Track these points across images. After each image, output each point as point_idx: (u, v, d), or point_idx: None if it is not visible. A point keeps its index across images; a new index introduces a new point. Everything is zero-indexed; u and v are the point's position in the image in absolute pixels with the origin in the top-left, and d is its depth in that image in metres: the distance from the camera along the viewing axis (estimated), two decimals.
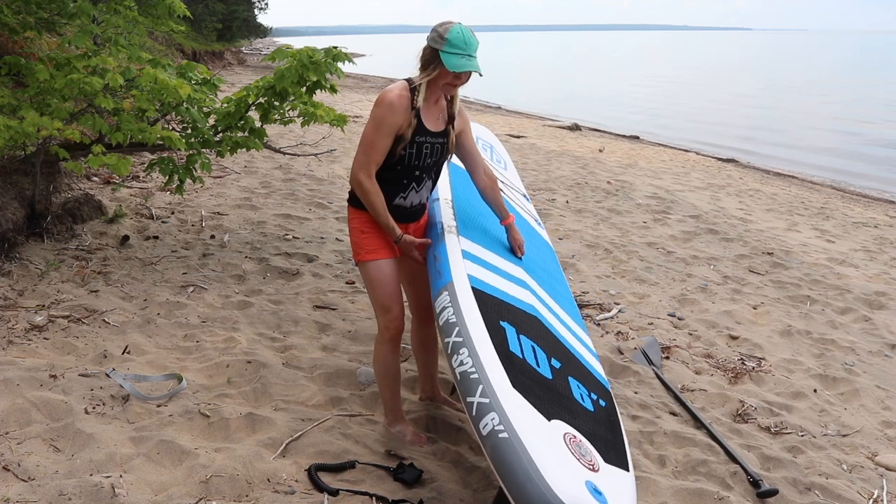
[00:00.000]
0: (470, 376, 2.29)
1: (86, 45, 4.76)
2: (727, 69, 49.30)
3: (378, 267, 2.95)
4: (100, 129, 4.47)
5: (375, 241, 2.95)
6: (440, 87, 2.81)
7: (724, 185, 10.75)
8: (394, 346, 3.04)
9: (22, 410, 2.89)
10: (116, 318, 3.96)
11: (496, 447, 2.07)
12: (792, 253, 6.82)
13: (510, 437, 2.08)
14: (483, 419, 2.14)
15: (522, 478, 1.99)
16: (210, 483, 2.61)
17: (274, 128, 8.11)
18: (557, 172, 10.19)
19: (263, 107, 5.03)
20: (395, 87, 2.83)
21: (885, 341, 4.88)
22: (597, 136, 16.77)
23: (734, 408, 3.74)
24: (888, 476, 3.26)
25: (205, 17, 29.40)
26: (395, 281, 2.97)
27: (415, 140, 2.84)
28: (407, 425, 3.12)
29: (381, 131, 2.80)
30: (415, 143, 2.84)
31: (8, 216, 4.56)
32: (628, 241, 6.83)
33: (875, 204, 10.91)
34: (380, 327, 3.03)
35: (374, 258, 2.94)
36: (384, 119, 2.79)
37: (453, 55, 2.71)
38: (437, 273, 2.84)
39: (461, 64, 2.72)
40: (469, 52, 2.73)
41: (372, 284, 2.98)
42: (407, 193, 2.95)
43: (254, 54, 43.42)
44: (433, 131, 2.89)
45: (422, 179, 2.95)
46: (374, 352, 3.09)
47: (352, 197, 2.99)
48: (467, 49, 2.72)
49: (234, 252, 5.33)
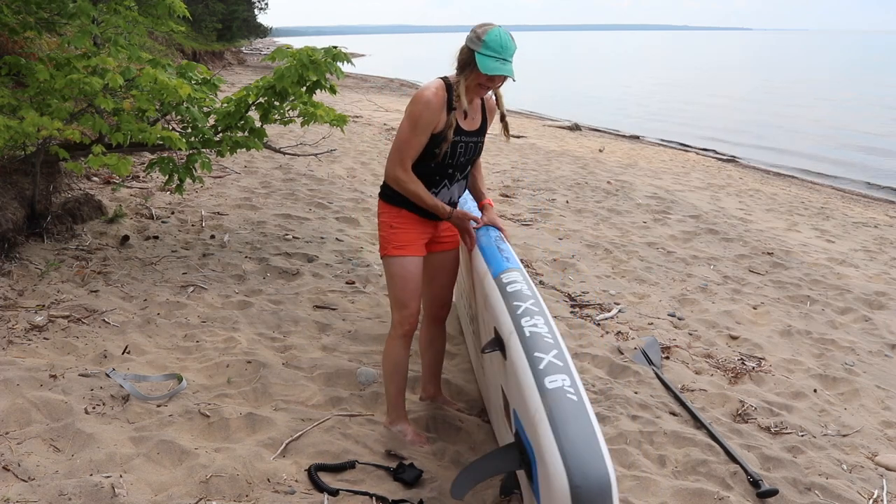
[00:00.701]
0: (545, 338, 2.29)
1: (86, 45, 4.76)
2: (727, 69, 49.30)
3: (402, 263, 2.97)
4: (100, 129, 4.47)
5: (403, 238, 2.98)
6: (473, 87, 2.81)
7: (724, 185, 10.75)
8: (406, 342, 3.06)
9: (22, 410, 2.89)
10: (116, 318, 3.96)
11: (562, 404, 2.03)
12: (792, 253, 6.82)
13: (579, 401, 2.07)
14: (552, 376, 2.12)
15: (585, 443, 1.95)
16: (210, 483, 2.61)
17: (274, 128, 8.11)
18: (557, 172, 10.19)
19: (263, 107, 5.04)
20: (431, 85, 2.85)
21: (885, 341, 4.87)
22: (597, 136, 16.77)
23: (734, 408, 3.74)
24: (888, 476, 3.26)
25: (205, 17, 29.41)
26: (416, 279, 3.00)
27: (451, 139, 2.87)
28: (408, 425, 3.13)
29: (416, 129, 2.83)
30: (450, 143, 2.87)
31: (8, 216, 4.56)
32: (628, 241, 6.83)
33: (875, 204, 10.91)
34: (394, 322, 3.05)
35: (400, 254, 2.97)
36: (420, 116, 2.81)
37: (488, 58, 2.72)
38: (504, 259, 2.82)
39: (495, 67, 2.72)
40: (504, 55, 2.72)
41: (393, 280, 3.01)
42: (439, 190, 2.98)
43: (254, 54, 43.46)
44: (468, 130, 2.93)
45: (454, 177, 2.99)
46: (386, 347, 3.11)
47: (383, 192, 3.02)
48: (503, 53, 2.72)
49: (234, 252, 5.33)
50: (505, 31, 2.75)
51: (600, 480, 1.90)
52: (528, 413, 2.13)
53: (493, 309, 2.58)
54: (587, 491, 1.88)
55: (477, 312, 3.14)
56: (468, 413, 3.40)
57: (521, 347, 2.29)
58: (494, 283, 2.65)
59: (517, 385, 2.26)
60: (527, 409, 2.14)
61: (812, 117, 21.26)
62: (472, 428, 3.25)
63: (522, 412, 2.21)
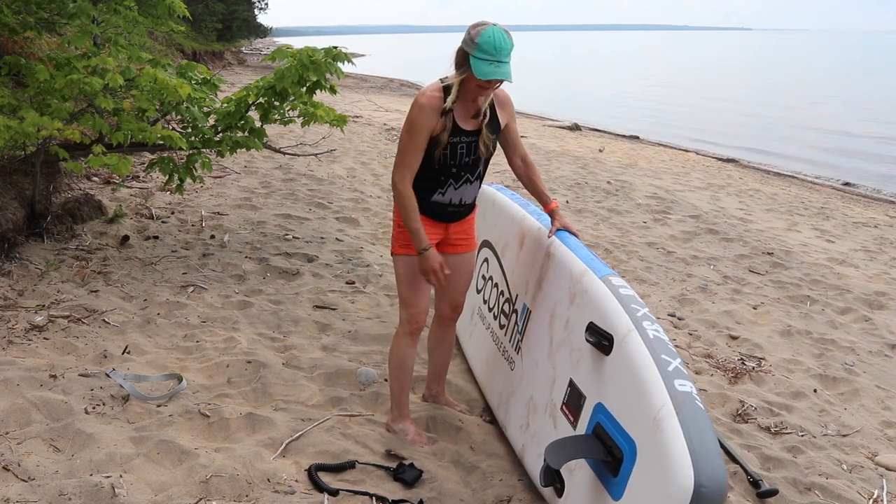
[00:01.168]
0: (668, 345, 2.33)
1: (86, 45, 4.76)
2: (727, 69, 49.30)
3: (409, 262, 2.96)
4: (100, 129, 4.47)
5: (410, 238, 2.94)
6: (472, 89, 2.76)
7: (724, 185, 10.75)
8: (412, 340, 3.05)
9: (22, 410, 2.89)
10: (116, 318, 3.96)
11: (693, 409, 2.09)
12: (792, 253, 6.82)
13: (704, 410, 2.12)
14: (681, 380, 2.17)
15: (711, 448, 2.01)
16: (210, 483, 2.61)
17: (274, 128, 8.12)
18: (557, 172, 10.19)
19: (263, 107, 5.04)
20: (427, 89, 2.82)
21: (885, 341, 4.88)
22: (597, 136, 16.77)
23: (734, 408, 3.74)
24: (888, 476, 3.26)
25: (205, 17, 29.43)
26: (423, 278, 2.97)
27: (449, 141, 2.82)
28: (410, 424, 3.12)
29: (413, 134, 2.80)
30: (448, 144, 2.83)
31: (8, 216, 4.56)
32: (628, 241, 6.83)
33: (875, 204, 10.91)
34: (401, 320, 3.05)
35: (407, 252, 2.95)
36: (415, 121, 2.79)
37: (482, 61, 2.64)
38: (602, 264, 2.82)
39: (489, 71, 2.64)
40: (499, 57, 2.63)
41: (400, 278, 3.01)
42: (445, 189, 2.93)
43: (254, 54, 43.45)
44: (469, 130, 2.86)
45: (460, 177, 2.93)
46: (392, 345, 3.11)
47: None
48: (497, 55, 2.63)
49: (234, 252, 5.33)
50: (500, 29, 2.67)
51: (721, 485, 1.96)
52: (644, 410, 2.16)
53: (599, 306, 2.58)
54: (710, 492, 1.94)
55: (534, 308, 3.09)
56: (468, 413, 3.40)
57: (644, 346, 2.31)
58: (601, 283, 2.65)
59: (631, 382, 2.28)
60: (645, 407, 2.17)
61: (812, 117, 21.26)
62: (472, 428, 3.25)
63: (630, 409, 2.25)
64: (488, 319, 3.64)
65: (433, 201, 2.94)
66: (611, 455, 2.27)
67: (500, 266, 3.57)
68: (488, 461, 3.00)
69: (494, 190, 3.97)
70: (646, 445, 2.13)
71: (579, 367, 2.61)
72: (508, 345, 3.31)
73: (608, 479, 2.26)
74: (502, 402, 3.25)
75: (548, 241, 3.07)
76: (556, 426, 2.68)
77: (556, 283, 2.93)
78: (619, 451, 2.24)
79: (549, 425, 2.74)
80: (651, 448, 2.10)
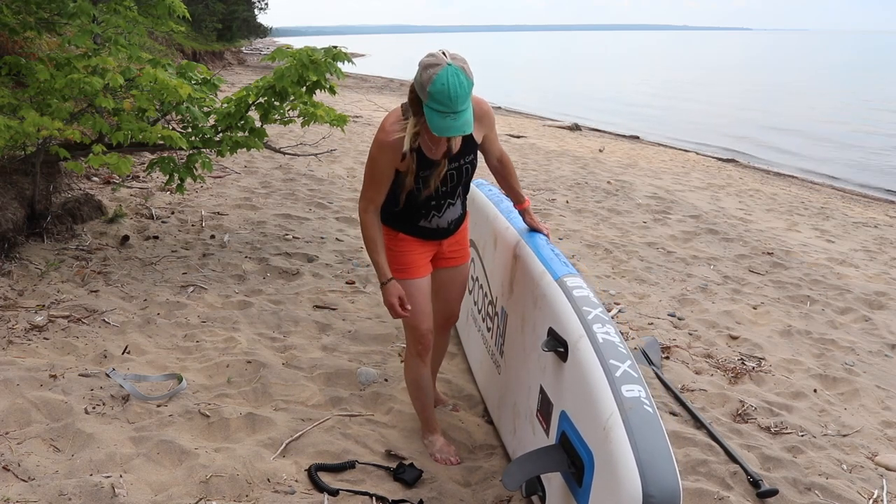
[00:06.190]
0: (618, 347, 2.25)
1: (86, 45, 4.76)
2: (727, 69, 49.29)
3: (404, 286, 2.85)
4: (100, 128, 4.48)
5: (402, 261, 2.87)
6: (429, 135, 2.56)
7: (724, 185, 10.75)
8: (423, 360, 3.00)
9: (22, 410, 2.89)
10: (116, 318, 3.96)
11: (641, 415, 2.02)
12: (792, 253, 6.82)
13: (654, 414, 2.05)
14: (629, 385, 2.10)
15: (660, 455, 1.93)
16: (210, 483, 2.61)
17: (274, 128, 8.12)
18: (557, 172, 10.19)
19: (263, 107, 5.04)
20: (387, 121, 2.62)
21: (885, 341, 4.87)
22: (597, 136, 16.77)
23: (734, 408, 3.74)
24: (888, 476, 3.26)
25: (205, 17, 29.44)
26: (422, 299, 2.91)
27: (419, 175, 2.68)
28: (439, 436, 3.09)
29: (375, 170, 2.67)
30: (419, 178, 2.69)
31: (8, 216, 4.56)
32: (628, 241, 6.83)
33: (875, 204, 10.91)
34: (408, 342, 3.00)
35: (401, 277, 2.86)
36: (376, 160, 2.64)
37: (436, 112, 2.37)
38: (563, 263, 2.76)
39: (444, 126, 2.37)
40: (454, 107, 2.33)
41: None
42: (429, 217, 2.84)
43: (254, 54, 43.43)
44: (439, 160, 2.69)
45: (441, 205, 2.83)
46: (405, 368, 3.08)
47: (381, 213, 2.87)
48: (452, 106, 2.33)
49: (234, 252, 5.33)
50: (456, 68, 2.34)
51: (672, 493, 1.88)
52: (596, 419, 2.10)
53: (555, 310, 2.52)
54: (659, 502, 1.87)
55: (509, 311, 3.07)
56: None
57: (593, 352, 2.24)
58: (557, 285, 2.59)
59: (583, 389, 2.21)
60: (596, 415, 2.10)
61: (812, 117, 21.26)
62: (472, 428, 3.25)
63: (585, 417, 2.18)
64: (479, 321, 3.64)
65: (420, 226, 2.86)
66: (573, 466, 2.20)
67: (483, 267, 3.56)
68: (488, 461, 3.00)
69: (474, 187, 3.88)
70: (600, 455, 2.06)
71: (546, 374, 2.55)
72: (494, 347, 3.30)
73: (576, 489, 2.19)
74: (496, 404, 3.25)
75: (514, 242, 3.04)
76: (535, 433, 2.63)
77: (523, 286, 2.89)
78: (579, 461, 2.16)
79: (530, 432, 2.69)
80: (604, 457, 2.03)
